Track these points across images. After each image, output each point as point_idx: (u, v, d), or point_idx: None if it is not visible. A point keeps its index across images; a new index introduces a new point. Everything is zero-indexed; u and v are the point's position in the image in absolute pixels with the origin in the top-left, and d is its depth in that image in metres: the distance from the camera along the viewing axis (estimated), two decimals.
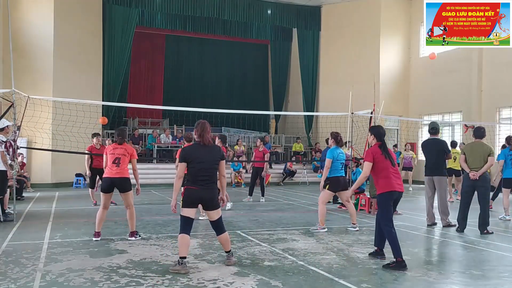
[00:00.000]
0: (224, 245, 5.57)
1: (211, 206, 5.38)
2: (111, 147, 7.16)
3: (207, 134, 5.34)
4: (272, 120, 25.10)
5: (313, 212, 10.34)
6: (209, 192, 5.31)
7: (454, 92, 18.27)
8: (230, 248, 5.59)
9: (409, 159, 16.63)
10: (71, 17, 17.00)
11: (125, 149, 7.10)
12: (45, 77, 16.06)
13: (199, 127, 5.37)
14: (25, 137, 14.54)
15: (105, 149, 7.35)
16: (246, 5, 21.28)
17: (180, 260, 5.19)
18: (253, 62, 26.68)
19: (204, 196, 5.30)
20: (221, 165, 5.44)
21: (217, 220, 5.45)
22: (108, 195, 7.03)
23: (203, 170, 5.26)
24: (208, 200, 5.34)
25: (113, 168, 6.94)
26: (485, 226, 7.78)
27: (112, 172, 6.94)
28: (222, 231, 5.49)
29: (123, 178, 6.97)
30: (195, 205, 5.35)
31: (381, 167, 5.69)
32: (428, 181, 8.60)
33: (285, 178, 18.96)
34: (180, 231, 5.28)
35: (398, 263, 5.39)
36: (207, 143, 5.34)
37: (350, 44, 21.21)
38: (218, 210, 5.44)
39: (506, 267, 5.61)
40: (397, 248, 5.43)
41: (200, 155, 5.28)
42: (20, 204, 11.08)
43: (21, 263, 5.53)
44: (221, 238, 5.52)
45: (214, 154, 5.37)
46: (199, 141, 5.35)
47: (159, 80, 24.79)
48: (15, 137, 8.97)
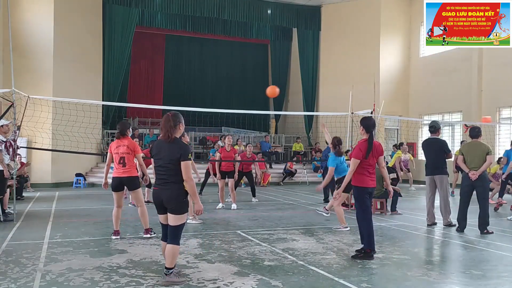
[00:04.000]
0: (167, 258, 4.76)
1: (171, 210, 4.69)
2: (114, 145, 7.19)
3: (171, 129, 4.73)
4: (272, 120, 25.11)
5: (313, 212, 10.35)
6: (165, 192, 4.71)
7: (454, 92, 18.27)
8: (173, 265, 4.75)
9: (406, 161, 16.59)
10: (71, 17, 17.00)
11: (127, 146, 7.11)
12: (45, 77, 16.06)
13: (162, 120, 4.83)
14: (25, 137, 14.55)
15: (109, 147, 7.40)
16: (246, 5, 21.27)
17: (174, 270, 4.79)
18: (253, 62, 26.67)
19: (162, 196, 4.73)
20: (182, 166, 4.65)
21: (174, 227, 4.72)
22: (119, 193, 7.18)
23: (160, 167, 4.76)
24: (164, 201, 4.73)
25: (120, 168, 7.06)
26: (485, 226, 7.78)
27: (119, 172, 7.07)
28: (173, 242, 4.73)
29: (131, 177, 7.07)
30: (161, 208, 4.80)
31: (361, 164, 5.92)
32: (429, 181, 8.59)
33: (285, 178, 18.96)
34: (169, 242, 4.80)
35: (366, 253, 5.85)
36: (166, 138, 4.74)
37: (350, 44, 21.22)
38: (181, 216, 4.71)
39: (506, 267, 5.61)
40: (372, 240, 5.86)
41: (159, 151, 4.78)
42: (20, 204, 11.08)
43: (21, 263, 5.53)
44: (168, 249, 4.74)
45: (172, 151, 4.69)
46: (165, 137, 4.76)
47: (159, 80, 24.78)
48: (15, 137, 8.98)
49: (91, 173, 17.88)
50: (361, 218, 5.98)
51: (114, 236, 7.12)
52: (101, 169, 18.10)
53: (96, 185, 16.99)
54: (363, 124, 6.04)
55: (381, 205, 10.31)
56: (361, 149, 5.92)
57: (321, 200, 12.44)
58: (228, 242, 6.88)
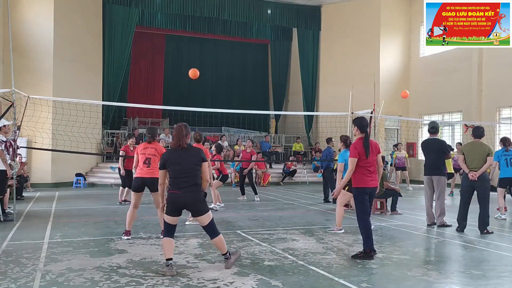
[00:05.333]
0: (219, 248, 5.37)
1: (197, 211, 5.21)
2: (141, 147, 7.28)
3: (183, 138, 5.21)
4: (272, 120, 25.10)
5: (313, 212, 10.36)
6: (190, 195, 5.13)
7: (454, 92, 18.28)
8: (226, 250, 5.37)
9: (402, 159, 16.63)
10: (71, 17, 16.99)
11: (155, 149, 7.18)
12: (45, 77, 16.05)
13: (175, 130, 5.27)
14: (25, 137, 14.54)
15: (135, 149, 7.48)
16: (246, 5, 21.27)
17: (166, 262, 5.10)
18: (253, 62, 26.66)
19: (186, 200, 5.12)
20: (203, 167, 5.25)
21: (208, 224, 5.24)
22: (139, 194, 7.20)
23: (181, 172, 5.12)
24: (191, 205, 5.18)
25: (144, 168, 7.09)
26: (485, 226, 7.77)
27: (143, 172, 7.09)
28: (215, 234, 5.29)
29: (154, 178, 6.99)
30: (179, 211, 5.19)
31: (359, 164, 5.94)
32: (427, 181, 8.58)
33: (285, 178, 18.97)
34: (164, 235, 5.25)
35: (366, 253, 5.86)
36: (178, 146, 5.22)
37: (350, 44, 21.21)
38: (207, 213, 5.22)
39: (506, 267, 5.61)
40: (370, 239, 5.88)
41: (176, 159, 5.17)
42: (20, 204, 11.08)
43: (21, 263, 5.53)
44: (215, 242, 5.33)
45: (193, 156, 5.22)
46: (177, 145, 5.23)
47: (159, 80, 24.78)
48: (15, 137, 8.98)
49: (91, 173, 17.88)
50: (359, 218, 6.01)
51: (125, 236, 7.07)
52: (101, 169, 18.13)
53: (96, 185, 17.01)
54: (357, 124, 6.11)
55: (381, 205, 10.31)
56: (356, 148, 5.97)
57: (321, 200, 12.45)
58: (228, 242, 6.86)
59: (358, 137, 6.07)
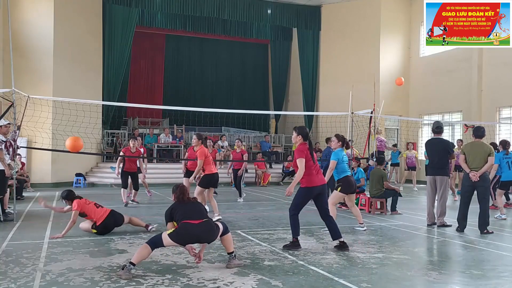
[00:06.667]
0: (227, 246, 5.45)
1: (212, 238, 5.30)
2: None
3: (185, 196, 5.51)
4: (272, 120, 25.11)
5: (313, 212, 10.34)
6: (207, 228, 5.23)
7: (454, 92, 18.27)
8: (232, 249, 5.45)
9: (412, 158, 16.47)
10: (71, 17, 16.99)
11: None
12: (45, 77, 16.05)
13: (178, 192, 5.53)
14: (25, 136, 14.55)
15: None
16: (246, 5, 21.26)
17: (129, 265, 4.97)
18: (253, 62, 26.67)
19: (201, 234, 5.19)
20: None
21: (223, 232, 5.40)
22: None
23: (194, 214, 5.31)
24: (205, 238, 5.26)
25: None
26: (485, 226, 7.77)
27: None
28: (225, 232, 5.41)
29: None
30: (188, 242, 5.21)
31: (307, 165, 6.24)
32: (431, 181, 8.54)
33: (284, 178, 18.97)
34: (149, 243, 5.12)
35: (293, 242, 6.34)
36: (187, 201, 5.52)
37: (350, 43, 21.21)
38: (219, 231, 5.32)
39: (506, 267, 5.61)
40: (296, 230, 6.38)
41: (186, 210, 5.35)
42: (20, 204, 11.08)
43: (21, 263, 5.53)
44: (224, 238, 5.41)
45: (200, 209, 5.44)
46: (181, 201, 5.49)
47: (159, 80, 24.79)
48: (15, 137, 8.97)
49: (91, 173, 17.88)
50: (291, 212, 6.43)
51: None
52: (101, 169, 18.13)
53: (96, 185, 17.00)
54: (300, 133, 6.42)
55: (381, 205, 10.31)
56: (302, 150, 6.27)
57: None
58: None
59: (302, 142, 6.37)
